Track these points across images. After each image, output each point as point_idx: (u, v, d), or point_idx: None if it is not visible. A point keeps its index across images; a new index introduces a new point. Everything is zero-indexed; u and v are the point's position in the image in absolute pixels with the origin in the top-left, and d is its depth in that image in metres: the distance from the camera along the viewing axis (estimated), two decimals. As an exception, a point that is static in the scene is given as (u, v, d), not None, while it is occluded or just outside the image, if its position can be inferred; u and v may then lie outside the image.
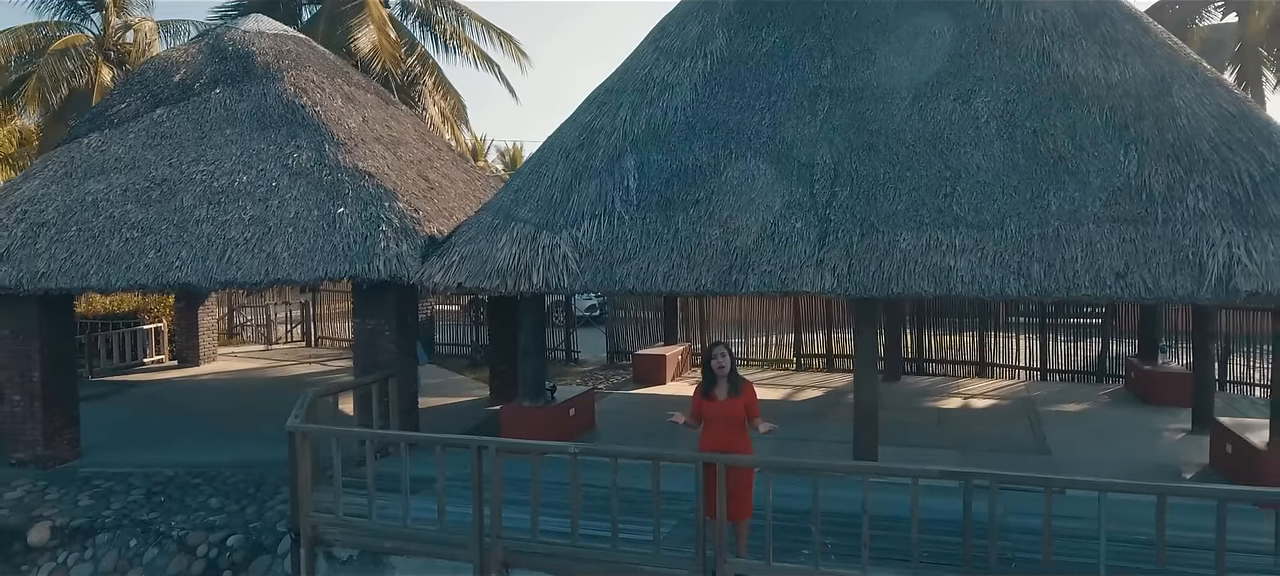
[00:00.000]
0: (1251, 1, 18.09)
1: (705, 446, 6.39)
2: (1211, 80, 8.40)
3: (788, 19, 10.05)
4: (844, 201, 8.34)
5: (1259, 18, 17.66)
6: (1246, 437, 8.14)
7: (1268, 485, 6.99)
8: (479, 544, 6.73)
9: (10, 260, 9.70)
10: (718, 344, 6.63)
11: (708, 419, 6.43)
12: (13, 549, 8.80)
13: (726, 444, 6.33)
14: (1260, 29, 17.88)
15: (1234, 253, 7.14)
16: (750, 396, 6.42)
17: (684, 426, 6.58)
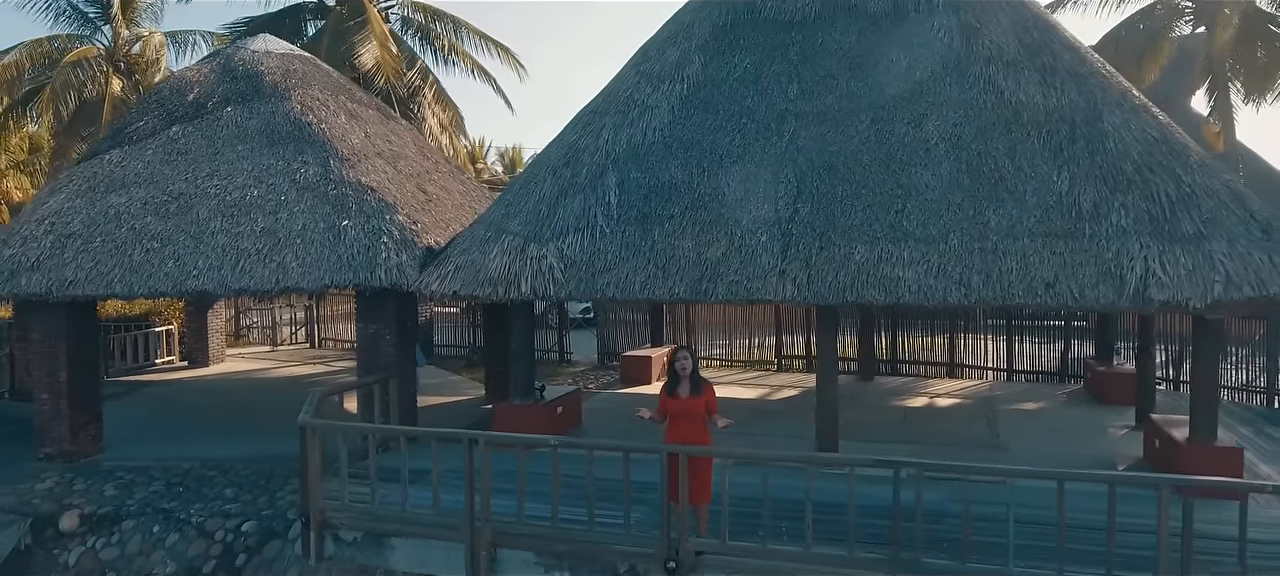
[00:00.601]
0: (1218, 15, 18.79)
1: (670, 439, 7.19)
2: (1139, 107, 9.19)
3: (758, 46, 10.84)
4: (805, 217, 9.14)
5: (1224, 31, 18.39)
6: (1171, 433, 8.94)
7: (1188, 475, 7.77)
8: (470, 526, 7.53)
9: (40, 269, 10.50)
10: (681, 348, 7.46)
11: (672, 415, 7.24)
12: (46, 534, 9.60)
13: (689, 437, 7.14)
14: (1226, 43, 18.62)
15: (1150, 265, 7.94)
16: (710, 395, 7.23)
17: (650, 421, 7.39)
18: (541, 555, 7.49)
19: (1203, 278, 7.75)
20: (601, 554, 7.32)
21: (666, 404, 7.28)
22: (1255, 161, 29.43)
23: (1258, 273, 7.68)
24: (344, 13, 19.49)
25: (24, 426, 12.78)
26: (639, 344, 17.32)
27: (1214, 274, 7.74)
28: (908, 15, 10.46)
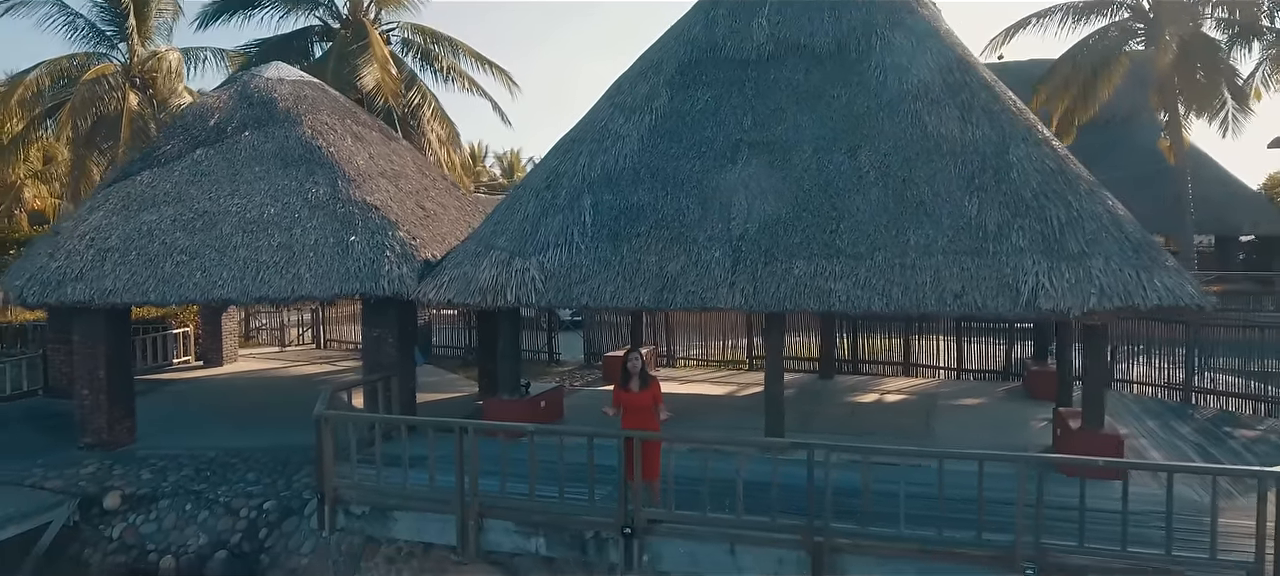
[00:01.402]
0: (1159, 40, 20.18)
1: (624, 426, 8.58)
2: (1041, 140, 10.57)
3: (719, 82, 12.21)
4: (753, 236, 10.51)
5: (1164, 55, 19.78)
6: (1069, 423, 10.33)
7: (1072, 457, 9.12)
8: (460, 501, 8.92)
9: (83, 280, 11.88)
10: (632, 350, 8.89)
11: (625, 406, 8.66)
12: (92, 512, 11.01)
13: (639, 424, 8.55)
14: (1166, 65, 20.01)
15: (1040, 279, 9.32)
16: (656, 389, 8.65)
17: (612, 414, 8.79)
18: (520, 525, 8.88)
19: (1082, 290, 9.13)
20: (570, 523, 8.72)
21: (619, 397, 8.70)
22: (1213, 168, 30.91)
23: (1126, 286, 9.05)
24: (348, 36, 20.91)
25: (60, 420, 14.22)
26: (621, 345, 18.67)
27: (1091, 287, 9.12)
28: (849, 55, 11.84)
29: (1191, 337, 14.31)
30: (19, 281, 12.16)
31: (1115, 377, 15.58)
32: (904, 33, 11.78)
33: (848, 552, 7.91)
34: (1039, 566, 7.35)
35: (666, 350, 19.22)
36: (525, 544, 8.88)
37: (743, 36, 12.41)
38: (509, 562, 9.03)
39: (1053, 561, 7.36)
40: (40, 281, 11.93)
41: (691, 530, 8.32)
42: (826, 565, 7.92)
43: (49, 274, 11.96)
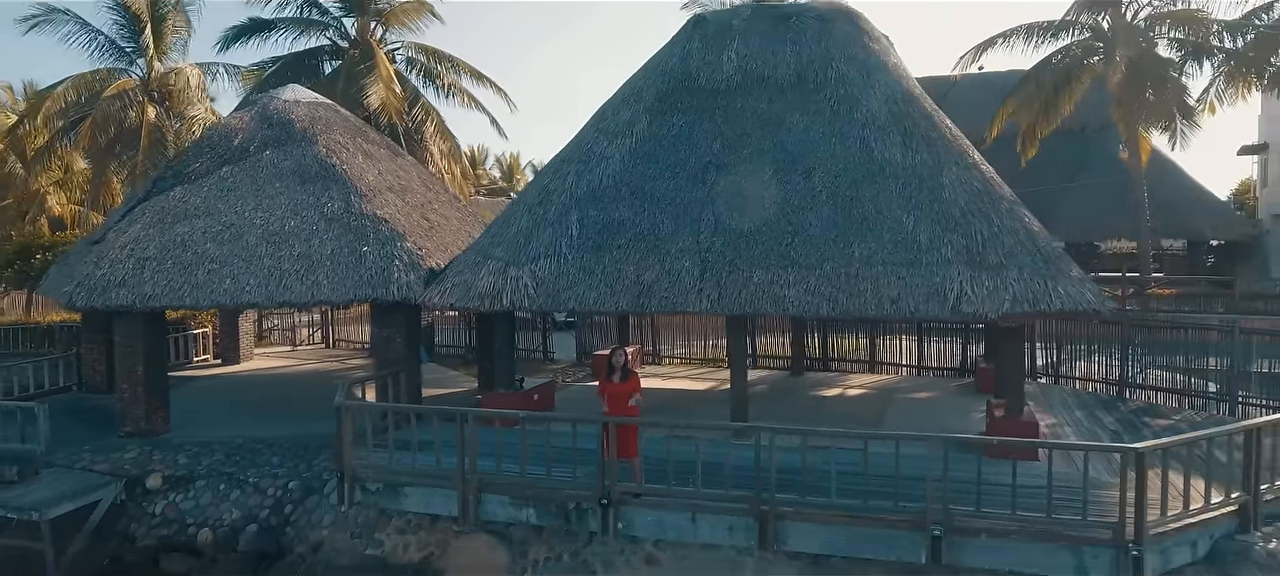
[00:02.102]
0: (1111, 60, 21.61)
1: (608, 412, 10.03)
2: (971, 164, 12.02)
3: (692, 109, 13.66)
4: (719, 248, 11.95)
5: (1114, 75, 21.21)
6: (995, 411, 11.77)
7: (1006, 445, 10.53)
8: (461, 478, 10.37)
9: (126, 286, 13.32)
10: (617, 349, 10.36)
11: (609, 395, 10.11)
12: (136, 491, 12.46)
13: (619, 410, 10.00)
14: (1116, 84, 21.45)
15: (963, 287, 10.77)
16: (635, 382, 10.11)
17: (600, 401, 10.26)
18: (514, 498, 10.34)
19: (998, 296, 10.58)
20: (556, 496, 10.17)
21: (604, 387, 10.16)
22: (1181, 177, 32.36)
23: (1034, 293, 10.50)
24: (356, 56, 22.38)
25: (97, 412, 15.69)
26: (610, 344, 20.07)
27: (1006, 293, 10.57)
28: (807, 86, 13.30)
29: (1125, 337, 15.75)
30: (69, 287, 13.63)
31: (1062, 373, 17.05)
32: (856, 66, 13.24)
33: (789, 519, 9.37)
34: (945, 528, 8.80)
35: (652, 349, 20.66)
36: (517, 514, 10.34)
37: (714, 68, 13.87)
38: (503, 531, 10.49)
39: (956, 524, 8.82)
40: (87, 287, 13.37)
41: (658, 501, 9.79)
42: (771, 530, 9.38)
43: (95, 281, 13.40)
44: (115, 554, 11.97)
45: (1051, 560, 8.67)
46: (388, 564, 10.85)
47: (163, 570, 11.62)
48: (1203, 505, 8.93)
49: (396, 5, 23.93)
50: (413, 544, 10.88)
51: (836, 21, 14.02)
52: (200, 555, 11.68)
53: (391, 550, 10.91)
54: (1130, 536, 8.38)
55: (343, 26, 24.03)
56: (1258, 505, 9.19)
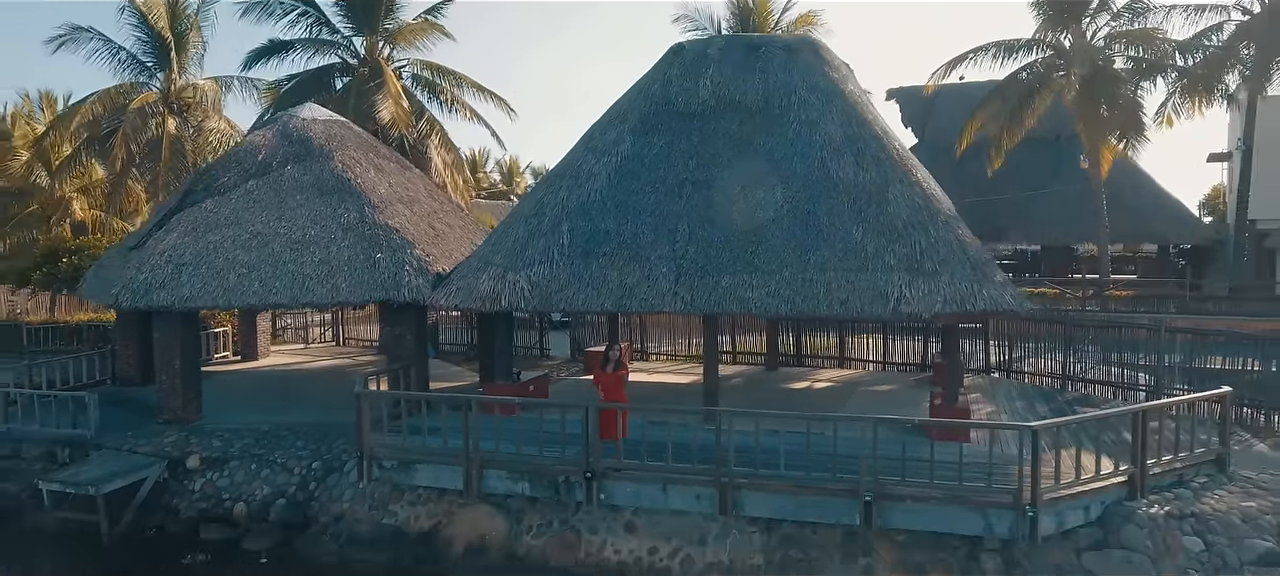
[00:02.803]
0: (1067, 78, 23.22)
1: (604, 398, 11.65)
2: (914, 182, 13.60)
3: (671, 129, 15.23)
4: (692, 256, 13.52)
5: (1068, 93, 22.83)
6: (935, 400, 13.37)
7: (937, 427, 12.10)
8: (466, 456, 11.98)
9: (165, 288, 14.91)
10: (613, 345, 11.99)
11: (603, 383, 11.75)
12: (177, 471, 14.07)
13: (612, 396, 11.64)
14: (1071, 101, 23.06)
15: (903, 290, 12.35)
16: (624, 372, 11.75)
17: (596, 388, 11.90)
18: (511, 473, 11.95)
19: (931, 298, 12.16)
20: (547, 471, 11.78)
21: (599, 377, 11.82)
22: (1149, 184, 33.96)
23: (962, 295, 12.10)
24: (366, 74, 24.01)
25: (133, 402, 17.27)
26: (602, 342, 21.69)
27: (938, 296, 12.16)
28: (773, 110, 14.87)
29: (1067, 336, 17.36)
30: (115, 289, 15.25)
31: (1013, 369, 18.65)
32: (816, 94, 14.83)
33: (745, 489, 10.99)
34: (875, 495, 10.41)
35: (640, 347, 22.26)
36: (514, 487, 11.96)
37: (691, 94, 15.44)
38: (502, 502, 12.10)
39: (884, 492, 10.43)
40: (131, 289, 14.98)
41: (635, 475, 11.40)
42: (730, 499, 11.00)
43: (138, 284, 15.01)
44: (160, 525, 13.59)
45: (963, 520, 10.29)
46: (401, 531, 12.45)
47: (203, 539, 13.20)
48: (1094, 475, 10.54)
49: (403, 26, 25.59)
50: (423, 514, 12.48)
51: (800, 52, 15.64)
52: (236, 525, 13.30)
53: (404, 520, 12.52)
54: (1027, 500, 9.98)
55: (352, 45, 25.70)
56: (1144, 477, 10.79)
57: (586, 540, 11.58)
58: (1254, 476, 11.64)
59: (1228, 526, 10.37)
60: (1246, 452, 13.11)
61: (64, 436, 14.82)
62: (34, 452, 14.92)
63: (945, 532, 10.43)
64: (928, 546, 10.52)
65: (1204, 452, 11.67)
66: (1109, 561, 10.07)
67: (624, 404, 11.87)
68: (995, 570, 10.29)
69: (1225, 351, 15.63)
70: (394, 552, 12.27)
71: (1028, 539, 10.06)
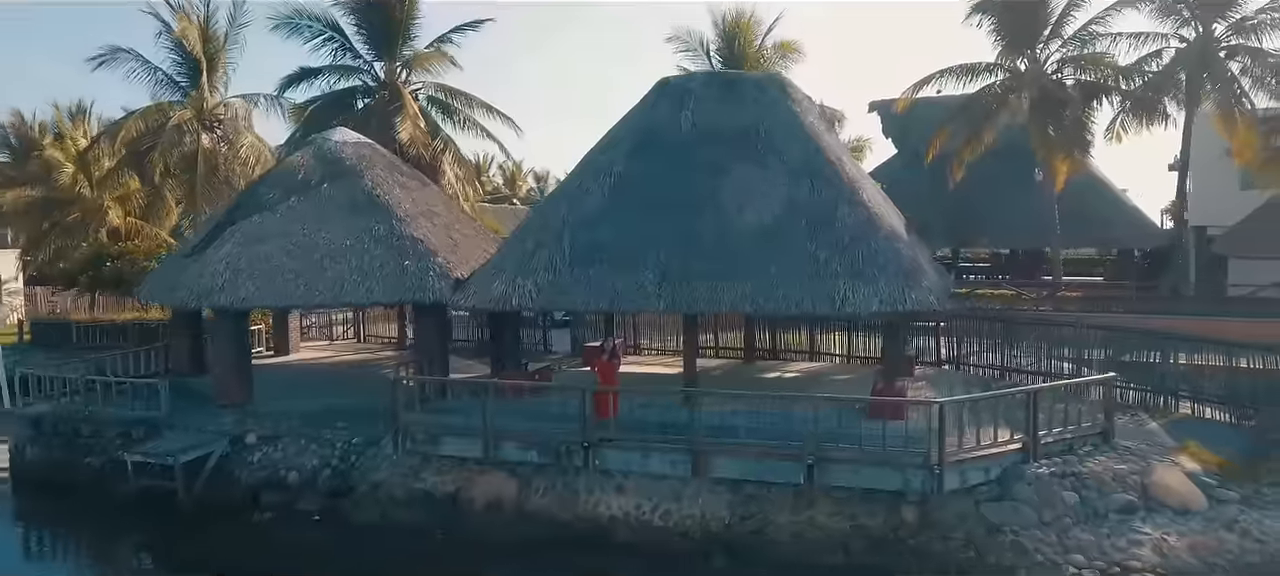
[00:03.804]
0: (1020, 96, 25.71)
1: (601, 382, 14.18)
2: (860, 203, 16.08)
3: (659, 155, 17.70)
4: (674, 265, 15.95)
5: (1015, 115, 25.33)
6: (877, 385, 15.87)
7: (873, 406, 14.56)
8: (484, 430, 14.52)
9: (225, 291, 17.43)
10: (610, 337, 14.56)
11: (600, 369, 14.31)
12: (238, 446, 16.58)
13: (608, 380, 14.19)
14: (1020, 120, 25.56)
15: (846, 293, 14.86)
16: (618, 362, 14.29)
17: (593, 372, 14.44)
18: (521, 444, 14.50)
19: (869, 299, 14.68)
20: (552, 441, 14.32)
21: (598, 364, 14.39)
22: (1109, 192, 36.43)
23: (894, 297, 14.61)
24: (386, 97, 26.58)
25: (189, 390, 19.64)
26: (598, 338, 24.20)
27: (875, 297, 14.68)
28: (745, 139, 17.34)
29: (1004, 332, 19.89)
30: (181, 292, 17.80)
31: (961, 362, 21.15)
32: (781, 125, 17.34)
33: (713, 454, 13.53)
34: (816, 459, 12.93)
35: (634, 342, 24.77)
36: (524, 455, 14.51)
37: (675, 125, 17.92)
38: (514, 468, 14.62)
39: (823, 455, 12.96)
40: (196, 292, 17.55)
41: (624, 445, 13.94)
42: (702, 463, 13.54)
43: (201, 287, 17.56)
44: (226, 491, 16.08)
45: (887, 478, 12.84)
46: (430, 494, 14.95)
47: (262, 502, 15.71)
48: (993, 443, 13.08)
49: (419, 54, 28.15)
50: (448, 479, 14.98)
51: (769, 88, 18.18)
52: (289, 491, 15.79)
53: (433, 484, 15.02)
54: (935, 461, 12.52)
55: (373, 70, 28.26)
56: (1036, 444, 13.32)
57: (584, 499, 14.07)
58: (1132, 446, 14.17)
59: (1100, 483, 12.93)
60: (1140, 428, 15.66)
61: (139, 417, 17.35)
62: (112, 432, 17.42)
63: (873, 488, 12.96)
64: (859, 500, 13.02)
65: (1091, 426, 14.23)
66: (1001, 510, 12.60)
67: (615, 387, 14.44)
68: (913, 518, 12.79)
69: (1134, 345, 18.15)
70: (424, 511, 14.77)
71: (936, 492, 12.60)
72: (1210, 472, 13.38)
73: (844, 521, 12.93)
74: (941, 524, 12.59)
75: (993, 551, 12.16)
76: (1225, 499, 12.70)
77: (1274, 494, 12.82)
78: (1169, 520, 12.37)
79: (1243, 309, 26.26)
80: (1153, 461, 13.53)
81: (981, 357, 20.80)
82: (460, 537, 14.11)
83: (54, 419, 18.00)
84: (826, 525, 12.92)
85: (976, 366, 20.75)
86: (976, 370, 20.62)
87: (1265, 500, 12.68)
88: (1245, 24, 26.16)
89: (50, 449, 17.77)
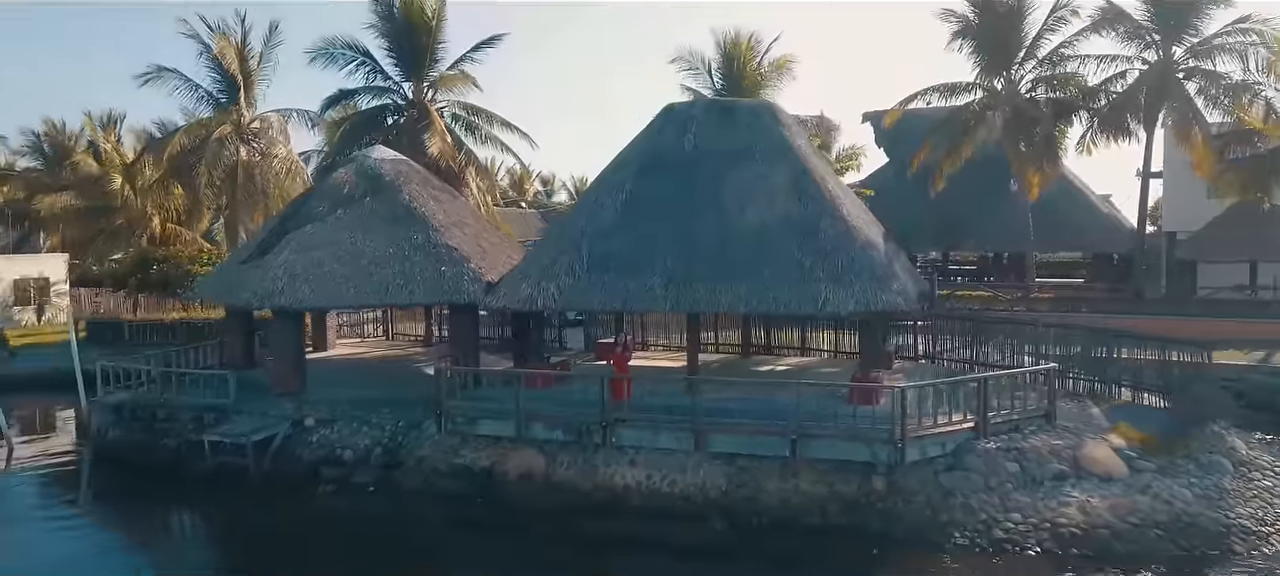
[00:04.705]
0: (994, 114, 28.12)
1: (617, 369, 16.62)
2: (840, 216, 18.47)
3: (666, 173, 20.10)
4: (678, 269, 18.38)
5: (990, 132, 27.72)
6: (856, 374, 18.26)
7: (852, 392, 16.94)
8: (516, 412, 16.96)
9: (285, 294, 19.84)
10: (622, 334, 17.00)
11: (615, 360, 16.76)
12: (299, 428, 18.98)
13: (621, 370, 16.63)
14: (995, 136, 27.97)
15: (827, 295, 17.26)
16: (630, 351, 16.72)
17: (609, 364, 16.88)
18: (547, 424, 16.92)
19: (847, 301, 17.08)
20: (574, 421, 16.74)
21: (614, 357, 16.82)
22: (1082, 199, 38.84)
23: (868, 299, 17.00)
24: (415, 115, 29.04)
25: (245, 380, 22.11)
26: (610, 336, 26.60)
27: (851, 299, 17.07)
28: (740, 160, 19.77)
29: (973, 330, 22.28)
30: (244, 293, 20.25)
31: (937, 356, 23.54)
32: (772, 147, 19.76)
33: (712, 432, 15.95)
34: (798, 435, 15.33)
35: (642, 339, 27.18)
36: (551, 434, 16.93)
37: (678, 146, 20.34)
38: (542, 445, 17.02)
39: (805, 432, 15.37)
40: (259, 293, 19.98)
41: (636, 424, 16.36)
42: (702, 439, 15.95)
43: (263, 289, 19.98)
44: (290, 467, 18.48)
45: (858, 452, 15.23)
46: (469, 468, 17.34)
47: (323, 476, 18.12)
48: (948, 422, 15.49)
49: (444, 75, 30.65)
50: (484, 455, 17.39)
51: (762, 114, 20.61)
52: (345, 466, 18.18)
53: (471, 460, 17.42)
54: (898, 437, 14.93)
55: (402, 89, 30.76)
56: (986, 423, 15.71)
57: (602, 471, 16.45)
58: (1071, 426, 16.57)
59: (1038, 456, 15.33)
60: (1083, 412, 18.08)
61: (209, 404, 19.78)
62: (186, 416, 19.85)
63: (847, 460, 15.35)
64: (836, 470, 15.40)
65: (1035, 409, 16.63)
66: (954, 478, 14.99)
67: (628, 376, 16.88)
68: (881, 486, 15.16)
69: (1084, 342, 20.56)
70: (465, 482, 17.16)
71: (900, 464, 15.01)
72: (1134, 447, 15.77)
73: (823, 488, 15.30)
74: (905, 490, 14.96)
75: (946, 512, 14.54)
76: (1143, 469, 15.09)
77: (1184, 465, 15.22)
78: (1094, 486, 14.75)
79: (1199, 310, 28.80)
80: (1086, 438, 15.92)
81: (954, 353, 23.19)
82: (497, 504, 16.53)
83: (133, 406, 20.43)
84: (808, 491, 15.30)
85: (950, 360, 23.13)
86: (949, 364, 23.01)
87: (1176, 469, 15.07)
88: (1201, 48, 28.52)
89: (130, 431, 20.20)
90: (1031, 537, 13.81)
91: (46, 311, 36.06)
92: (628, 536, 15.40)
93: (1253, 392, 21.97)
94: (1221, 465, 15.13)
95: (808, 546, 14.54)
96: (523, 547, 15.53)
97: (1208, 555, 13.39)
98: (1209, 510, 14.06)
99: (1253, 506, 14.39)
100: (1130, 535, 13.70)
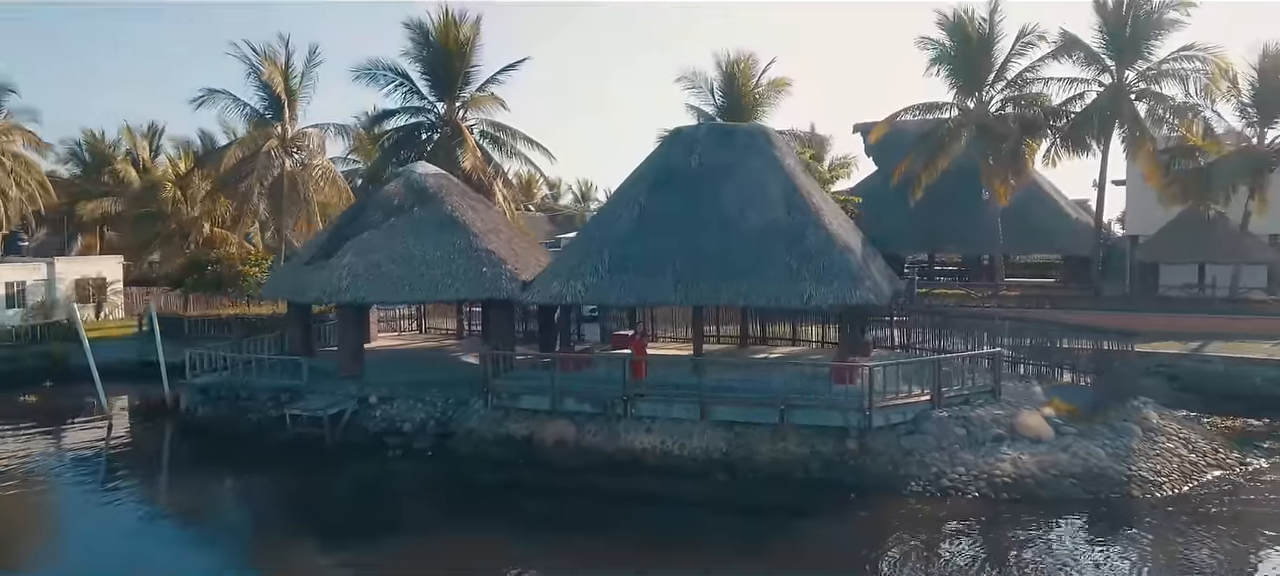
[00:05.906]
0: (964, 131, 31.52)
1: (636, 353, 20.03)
2: (823, 225, 21.84)
3: (676, 188, 23.43)
4: (686, 271, 21.74)
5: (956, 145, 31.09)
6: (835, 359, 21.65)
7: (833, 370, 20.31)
8: (552, 388, 20.36)
9: (348, 291, 23.22)
10: (639, 325, 20.44)
11: (634, 346, 20.18)
12: (364, 404, 22.35)
13: (639, 353, 20.02)
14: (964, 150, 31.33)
15: (811, 292, 20.62)
16: (645, 342, 20.12)
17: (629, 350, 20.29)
18: (577, 398, 20.31)
19: (827, 296, 20.45)
20: (601, 396, 20.12)
21: (634, 343, 20.22)
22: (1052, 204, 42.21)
23: (845, 294, 20.36)
24: (449, 132, 32.46)
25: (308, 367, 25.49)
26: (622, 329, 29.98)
27: (832, 295, 20.44)
28: (738, 176, 23.11)
29: (941, 323, 25.67)
30: (312, 291, 23.65)
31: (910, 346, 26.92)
32: (766, 165, 23.13)
33: (714, 404, 19.34)
34: (786, 406, 18.73)
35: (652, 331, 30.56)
36: (580, 407, 20.32)
37: (685, 163, 23.69)
38: (573, 416, 20.39)
39: (791, 404, 18.76)
40: (326, 291, 23.37)
41: (652, 398, 19.76)
42: (706, 410, 19.34)
43: (330, 287, 23.36)
44: (358, 437, 21.83)
45: (835, 419, 18.62)
46: (511, 437, 20.67)
47: (386, 443, 21.48)
48: (909, 396, 18.89)
49: (475, 96, 34.11)
50: (524, 426, 20.73)
51: (757, 137, 24.00)
52: (405, 436, 21.54)
53: (513, 430, 20.77)
54: (866, 407, 18.33)
55: (435, 109, 34.20)
56: (939, 397, 19.10)
57: (623, 437, 19.77)
58: (1012, 400, 19.96)
59: (982, 423, 18.72)
60: (1027, 390, 21.45)
61: (285, 385, 23.15)
62: (264, 396, 23.20)
63: (825, 426, 18.72)
64: (816, 434, 18.77)
65: (983, 385, 20.03)
66: (913, 440, 18.37)
67: (645, 358, 20.29)
68: (854, 446, 18.50)
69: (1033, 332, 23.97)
70: (508, 449, 20.49)
71: (868, 429, 18.39)
72: (1061, 416, 19.16)
73: (806, 448, 18.65)
74: (873, 450, 18.32)
75: (905, 466, 17.90)
76: (1066, 433, 18.48)
77: (1100, 431, 18.60)
78: (1026, 446, 18.13)
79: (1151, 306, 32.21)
80: (1023, 409, 19.31)
81: (925, 343, 26.56)
82: (535, 465, 19.89)
83: (218, 387, 23.81)
84: (794, 451, 18.66)
85: (920, 349, 26.51)
86: (920, 352, 26.38)
87: (1093, 433, 18.46)
88: (1150, 73, 31.95)
89: (217, 409, 23.57)
90: (972, 486, 17.19)
91: (104, 309, 39.41)
92: (645, 491, 18.73)
93: (1184, 376, 25.58)
94: (1131, 430, 18.53)
95: (794, 495, 17.89)
96: (558, 501, 18.86)
97: (1110, 498, 16.78)
98: (1115, 465, 17.45)
99: (1154, 463, 17.78)
100: (1051, 483, 17.08)
